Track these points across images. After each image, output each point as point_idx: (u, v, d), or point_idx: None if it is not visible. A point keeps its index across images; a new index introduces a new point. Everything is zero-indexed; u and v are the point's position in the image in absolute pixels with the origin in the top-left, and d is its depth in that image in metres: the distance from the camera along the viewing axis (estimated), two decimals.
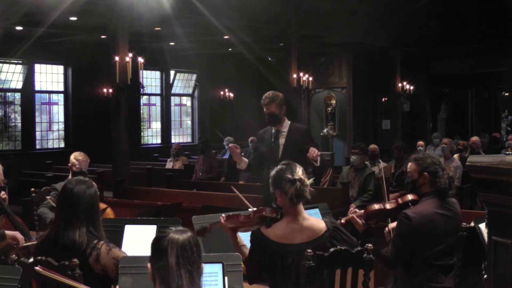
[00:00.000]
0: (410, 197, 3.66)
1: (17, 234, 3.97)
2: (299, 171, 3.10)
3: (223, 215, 3.36)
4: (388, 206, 3.68)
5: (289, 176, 3.06)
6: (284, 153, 5.13)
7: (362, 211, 3.74)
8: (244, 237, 3.38)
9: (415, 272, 3.53)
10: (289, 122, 5.36)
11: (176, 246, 2.20)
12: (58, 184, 5.35)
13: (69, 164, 5.43)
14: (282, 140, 5.24)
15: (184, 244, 2.22)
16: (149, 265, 2.26)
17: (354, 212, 3.74)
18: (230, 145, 5.27)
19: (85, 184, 3.23)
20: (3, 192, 4.50)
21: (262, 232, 3.13)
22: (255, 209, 3.36)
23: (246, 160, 5.32)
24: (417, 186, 3.64)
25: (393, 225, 3.72)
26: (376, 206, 3.69)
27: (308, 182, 3.11)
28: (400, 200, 3.68)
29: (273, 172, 3.17)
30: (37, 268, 2.79)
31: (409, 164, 3.71)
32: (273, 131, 5.32)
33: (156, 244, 2.25)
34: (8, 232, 3.97)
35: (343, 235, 3.19)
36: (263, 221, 3.18)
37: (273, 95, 5.29)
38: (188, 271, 2.19)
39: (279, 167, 3.15)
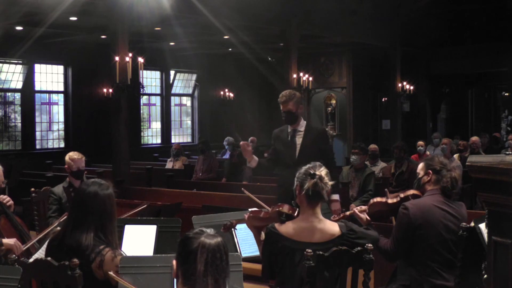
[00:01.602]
0: (411, 191, 3.76)
1: (14, 244, 3.94)
2: (323, 171, 3.20)
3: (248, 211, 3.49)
4: (390, 200, 3.77)
5: (311, 171, 3.17)
6: (302, 152, 5.10)
7: (364, 206, 3.78)
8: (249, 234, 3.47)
9: (414, 267, 3.54)
10: (305, 122, 5.31)
11: (206, 252, 2.12)
12: (56, 188, 5.34)
13: (66, 166, 5.35)
14: (299, 140, 5.18)
15: (215, 250, 2.13)
16: (174, 261, 2.18)
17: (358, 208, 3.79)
18: (241, 142, 5.17)
19: (99, 187, 3.11)
20: (8, 199, 4.46)
21: (275, 226, 3.20)
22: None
23: (256, 158, 5.21)
24: (422, 184, 3.74)
25: None
26: (379, 199, 3.80)
27: (329, 182, 3.18)
28: (402, 195, 3.76)
29: (301, 169, 3.25)
30: None
31: (419, 165, 3.84)
32: (289, 130, 5.25)
33: (185, 245, 2.14)
34: (5, 241, 3.96)
35: (359, 234, 3.22)
36: (280, 216, 3.24)
37: (290, 94, 5.23)
38: (215, 279, 2.12)
39: (307, 165, 3.24)
